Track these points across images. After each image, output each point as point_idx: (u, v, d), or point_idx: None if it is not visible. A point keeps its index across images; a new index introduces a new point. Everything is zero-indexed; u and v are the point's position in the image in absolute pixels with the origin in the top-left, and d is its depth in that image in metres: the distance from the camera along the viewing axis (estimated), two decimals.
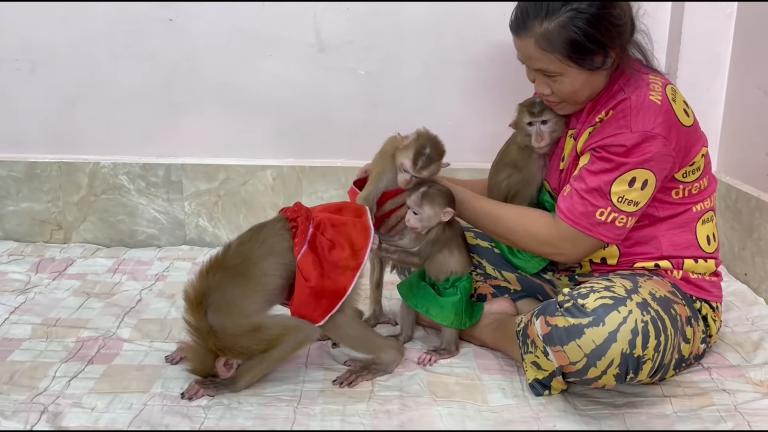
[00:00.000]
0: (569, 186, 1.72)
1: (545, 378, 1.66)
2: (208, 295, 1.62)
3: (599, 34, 1.63)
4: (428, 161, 1.83)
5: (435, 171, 1.87)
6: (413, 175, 1.84)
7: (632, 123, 1.63)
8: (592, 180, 1.67)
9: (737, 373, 1.79)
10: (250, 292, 1.66)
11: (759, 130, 2.34)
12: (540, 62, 1.69)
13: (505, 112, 2.05)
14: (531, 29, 1.66)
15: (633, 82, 1.69)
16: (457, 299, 1.87)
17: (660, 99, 1.65)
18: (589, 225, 1.69)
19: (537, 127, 1.86)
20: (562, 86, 1.72)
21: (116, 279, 2.38)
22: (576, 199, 1.69)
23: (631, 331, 1.49)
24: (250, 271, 1.66)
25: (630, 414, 1.62)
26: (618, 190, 1.65)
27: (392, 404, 1.65)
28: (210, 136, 2.66)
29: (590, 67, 1.67)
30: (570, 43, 1.63)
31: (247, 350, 1.65)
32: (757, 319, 2.07)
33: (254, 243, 1.71)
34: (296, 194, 2.67)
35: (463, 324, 1.89)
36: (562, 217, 1.71)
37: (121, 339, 1.95)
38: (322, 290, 1.67)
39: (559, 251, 1.77)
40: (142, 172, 2.66)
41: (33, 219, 2.70)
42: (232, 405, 1.63)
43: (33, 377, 1.73)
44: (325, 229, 1.73)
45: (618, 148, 1.64)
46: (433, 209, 1.80)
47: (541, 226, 1.77)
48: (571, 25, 1.62)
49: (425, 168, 1.83)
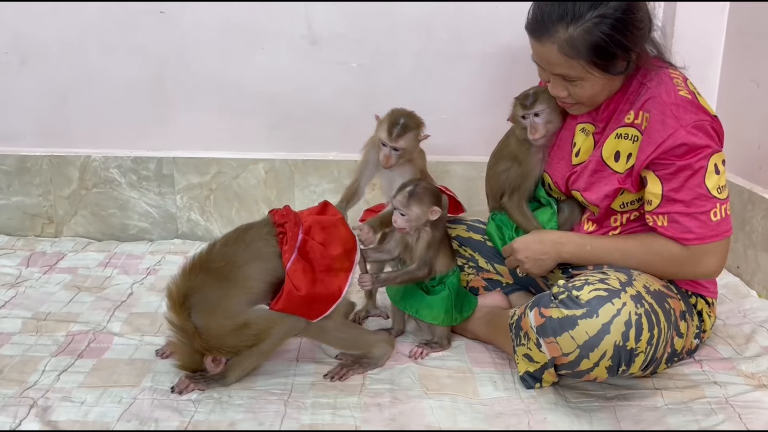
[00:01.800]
0: (661, 216, 1.64)
1: (537, 370, 1.66)
2: (191, 296, 1.60)
3: (625, 39, 1.59)
4: (403, 129, 1.87)
5: (413, 142, 1.89)
6: (391, 145, 1.85)
7: (678, 118, 1.58)
8: (685, 194, 1.61)
9: (729, 365, 1.80)
10: (233, 295, 1.63)
11: (751, 123, 2.33)
12: (561, 68, 1.65)
13: (498, 105, 2.05)
14: (554, 34, 1.60)
15: (654, 77, 1.66)
16: (445, 295, 1.86)
17: (688, 93, 1.63)
18: (713, 233, 1.62)
19: (531, 120, 1.86)
20: (581, 90, 1.68)
21: (107, 273, 2.37)
22: (685, 220, 1.62)
23: (625, 323, 1.49)
24: (233, 275, 1.63)
25: (621, 406, 1.62)
26: (712, 185, 1.60)
27: (383, 397, 1.65)
28: (202, 130, 2.65)
29: (613, 72, 1.64)
30: (595, 50, 1.59)
31: (234, 348, 1.64)
32: (749, 312, 2.08)
33: (239, 245, 1.67)
34: (288, 188, 2.66)
35: (453, 320, 1.88)
36: (686, 243, 1.63)
37: (112, 333, 1.94)
38: (314, 298, 1.66)
39: (704, 269, 1.68)
40: (134, 165, 2.65)
41: (24, 213, 2.69)
42: (222, 399, 1.63)
43: (23, 371, 1.72)
44: (316, 232, 1.72)
45: (680, 149, 1.58)
46: (421, 208, 1.79)
47: (671, 246, 1.65)
48: (597, 31, 1.57)
49: (401, 136, 1.86)
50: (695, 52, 2.46)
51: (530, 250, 1.79)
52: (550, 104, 1.84)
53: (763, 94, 2.28)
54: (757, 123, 2.31)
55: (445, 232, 1.90)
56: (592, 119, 1.80)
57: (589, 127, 1.81)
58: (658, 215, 1.65)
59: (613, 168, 1.72)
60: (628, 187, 1.70)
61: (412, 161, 1.99)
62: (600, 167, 1.75)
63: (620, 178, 1.71)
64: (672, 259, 1.66)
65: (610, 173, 1.73)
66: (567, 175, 1.84)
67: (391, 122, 1.90)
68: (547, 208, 1.93)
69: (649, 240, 1.69)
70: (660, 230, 1.65)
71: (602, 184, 1.75)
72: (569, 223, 1.90)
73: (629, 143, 1.68)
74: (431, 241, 1.83)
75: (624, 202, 1.75)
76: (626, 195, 1.73)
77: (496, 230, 1.98)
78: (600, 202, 1.75)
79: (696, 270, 1.69)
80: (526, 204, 1.93)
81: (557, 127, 1.88)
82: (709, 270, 1.69)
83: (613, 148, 1.72)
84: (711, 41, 2.48)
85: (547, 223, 1.90)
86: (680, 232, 1.62)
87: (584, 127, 1.82)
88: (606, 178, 1.74)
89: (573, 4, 1.58)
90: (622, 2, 1.58)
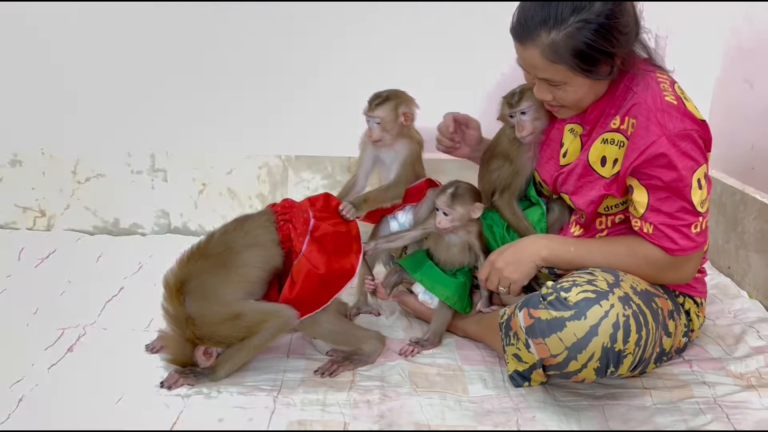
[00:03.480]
0: (647, 223, 1.63)
1: (525, 370, 1.67)
2: (188, 282, 1.62)
3: (608, 44, 1.57)
4: (381, 99, 1.93)
5: (391, 113, 1.94)
6: (368, 115, 1.93)
7: (663, 126, 1.57)
8: (670, 206, 1.61)
9: (718, 365, 1.80)
10: (229, 282, 1.65)
11: (744, 124, 2.34)
12: (545, 72, 1.64)
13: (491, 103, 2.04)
14: (536, 38, 1.58)
15: (641, 81, 1.65)
16: (461, 282, 1.91)
17: (674, 98, 1.61)
18: (693, 244, 1.63)
19: (518, 118, 1.86)
20: (566, 94, 1.67)
21: (99, 267, 2.37)
22: (668, 231, 1.62)
23: (613, 325, 1.50)
24: (231, 261, 1.66)
25: (609, 406, 1.63)
26: (697, 200, 1.60)
27: (373, 394, 1.65)
28: (196, 125, 2.64)
29: (597, 77, 1.63)
30: (578, 55, 1.57)
31: (226, 339, 1.64)
32: (740, 312, 2.08)
33: (238, 233, 1.71)
34: (282, 184, 2.65)
35: (462, 308, 1.92)
36: (669, 253, 1.64)
37: (102, 328, 1.93)
38: (331, 276, 1.70)
39: (683, 274, 1.71)
40: (127, 159, 2.64)
41: (16, 206, 2.68)
42: (211, 394, 1.63)
43: (12, 365, 1.72)
44: (325, 216, 1.78)
45: (661, 158, 1.57)
46: (465, 207, 1.85)
47: (656, 252, 1.65)
48: (580, 36, 1.55)
49: (379, 106, 1.93)
50: (690, 53, 2.47)
51: (506, 254, 1.76)
52: (536, 101, 1.84)
53: (756, 95, 2.29)
54: (750, 124, 2.31)
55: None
56: (580, 120, 1.79)
57: (578, 128, 1.81)
58: (644, 222, 1.65)
59: (599, 173, 1.72)
60: (613, 193, 1.69)
61: (408, 138, 2.00)
62: (587, 171, 1.75)
63: (606, 184, 1.70)
64: (655, 263, 1.67)
65: (597, 178, 1.72)
66: (555, 175, 1.85)
67: (370, 99, 1.95)
68: (537, 208, 1.93)
69: (634, 243, 1.69)
70: (645, 237, 1.65)
71: (589, 188, 1.75)
72: (559, 223, 1.90)
73: (615, 148, 1.67)
74: (480, 232, 1.91)
75: (609, 206, 1.75)
76: (611, 199, 1.73)
77: (487, 229, 1.98)
78: (586, 207, 1.75)
79: (675, 275, 1.71)
80: (516, 203, 1.93)
81: (545, 125, 1.89)
82: (686, 276, 1.73)
83: (600, 153, 1.71)
84: (705, 42, 2.48)
85: (537, 222, 1.91)
86: (665, 241, 1.63)
87: (573, 128, 1.82)
88: (592, 183, 1.74)
89: (556, 8, 1.56)
90: (606, 6, 1.55)
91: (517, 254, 1.75)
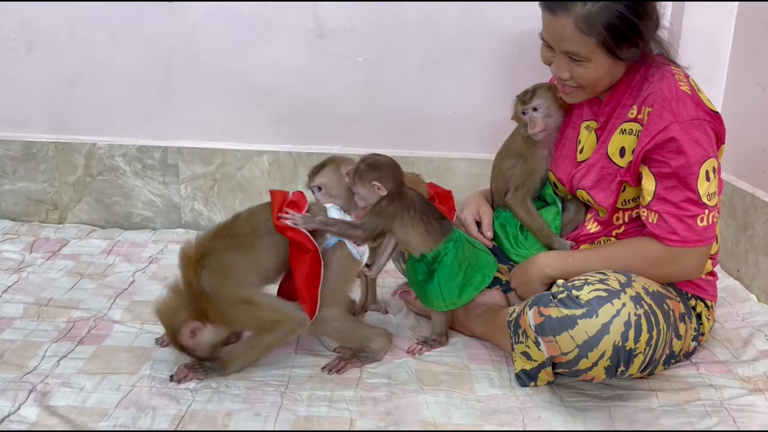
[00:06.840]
0: (652, 212, 1.66)
1: (533, 369, 1.67)
2: (208, 256, 1.62)
3: (639, 22, 1.61)
4: (320, 167, 1.88)
5: (332, 175, 1.86)
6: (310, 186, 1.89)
7: (675, 113, 1.60)
8: (676, 195, 1.62)
9: (725, 368, 1.80)
10: (250, 265, 1.67)
11: (756, 127, 2.33)
12: (572, 44, 1.64)
13: (503, 102, 2.04)
14: (571, 8, 1.61)
15: (657, 73, 1.68)
16: (433, 283, 1.82)
17: (689, 89, 1.64)
18: (697, 237, 1.64)
19: (530, 114, 1.87)
20: (586, 71, 1.68)
21: (110, 260, 2.39)
22: (672, 221, 1.63)
23: (624, 323, 1.50)
24: (256, 243, 1.68)
25: (615, 407, 1.63)
26: (703, 191, 1.61)
27: (379, 391, 1.66)
28: (207, 120, 2.66)
29: (621, 57, 1.65)
30: (611, 27, 1.60)
31: (235, 321, 1.65)
32: (748, 316, 2.08)
33: (263, 215, 1.71)
34: (292, 180, 2.66)
35: (449, 305, 1.84)
36: (669, 244, 1.65)
37: (112, 320, 1.95)
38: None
39: (682, 268, 1.70)
40: (139, 154, 2.66)
41: (29, 198, 2.70)
42: (220, 388, 1.64)
43: (23, 356, 1.74)
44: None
45: (671, 144, 1.59)
46: (364, 186, 1.78)
47: (653, 247, 1.68)
48: (614, 9, 1.59)
49: (318, 174, 1.87)
50: (702, 53, 2.46)
51: (516, 275, 1.89)
52: (548, 98, 1.85)
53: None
54: (762, 127, 2.30)
55: (415, 206, 1.79)
56: (594, 115, 1.80)
57: (593, 123, 1.82)
58: (650, 211, 1.67)
59: (618, 164, 1.73)
60: (629, 180, 1.71)
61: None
62: (606, 164, 1.76)
63: (622, 172, 1.72)
64: (653, 259, 1.67)
65: (616, 170, 1.74)
66: (572, 173, 1.85)
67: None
68: (552, 207, 1.93)
69: (631, 242, 1.72)
70: (649, 226, 1.67)
71: (608, 181, 1.76)
72: (574, 222, 1.90)
73: (633, 138, 1.69)
74: (380, 212, 1.76)
75: (626, 199, 1.76)
76: (628, 191, 1.74)
77: (500, 228, 1.98)
78: (606, 200, 1.76)
79: (675, 269, 1.70)
80: (530, 201, 1.93)
81: (558, 122, 1.89)
82: (688, 270, 1.71)
83: (619, 144, 1.73)
84: (718, 43, 2.48)
85: (552, 222, 1.91)
86: (665, 231, 1.64)
87: (588, 125, 1.83)
88: (612, 175, 1.75)
89: None
90: None
91: (525, 276, 1.84)
